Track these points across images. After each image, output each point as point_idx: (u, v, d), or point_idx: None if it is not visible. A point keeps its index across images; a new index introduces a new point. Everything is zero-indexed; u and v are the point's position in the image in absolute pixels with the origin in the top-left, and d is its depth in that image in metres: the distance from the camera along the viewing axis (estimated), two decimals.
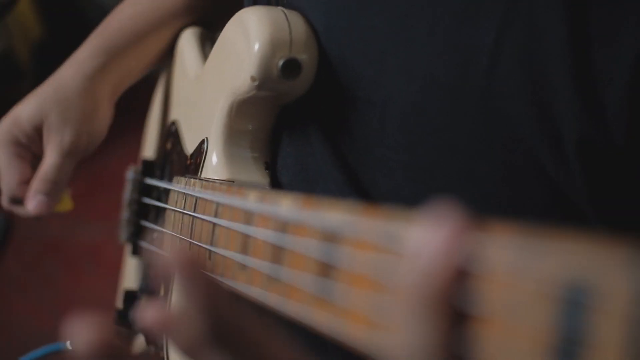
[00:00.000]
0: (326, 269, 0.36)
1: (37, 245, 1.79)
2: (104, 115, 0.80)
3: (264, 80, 0.60)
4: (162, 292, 0.76)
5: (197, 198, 0.62)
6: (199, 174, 0.68)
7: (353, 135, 0.61)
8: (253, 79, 0.60)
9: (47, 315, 1.58)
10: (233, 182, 0.64)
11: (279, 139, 0.67)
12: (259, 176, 0.66)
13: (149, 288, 0.82)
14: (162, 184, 0.77)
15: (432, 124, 0.54)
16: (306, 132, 0.64)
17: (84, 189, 1.90)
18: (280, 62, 0.59)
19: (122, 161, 0.98)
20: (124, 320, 0.86)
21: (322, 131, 0.63)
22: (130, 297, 0.85)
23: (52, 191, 0.75)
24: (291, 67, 0.59)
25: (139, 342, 0.82)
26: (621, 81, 0.47)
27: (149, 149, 0.94)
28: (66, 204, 0.80)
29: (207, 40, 0.87)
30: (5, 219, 1.71)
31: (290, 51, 0.59)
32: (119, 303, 0.88)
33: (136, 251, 0.90)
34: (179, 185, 0.69)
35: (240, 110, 0.65)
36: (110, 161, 1.80)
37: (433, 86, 0.54)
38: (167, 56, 0.88)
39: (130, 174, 0.92)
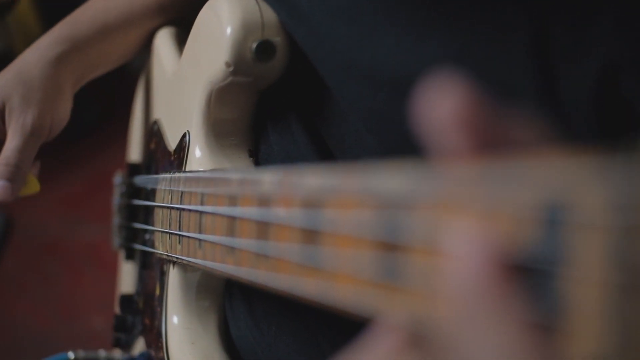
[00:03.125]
0: (310, 236, 0.35)
1: (36, 245, 1.79)
2: (67, 101, 0.77)
3: (239, 65, 0.59)
4: (157, 292, 0.75)
5: (182, 190, 0.61)
6: (183, 168, 0.68)
7: (330, 121, 0.60)
8: (227, 64, 0.59)
9: (46, 315, 1.57)
10: None
11: (263, 128, 0.67)
12: (243, 164, 0.66)
13: (144, 289, 0.81)
14: (149, 184, 0.77)
15: (399, 129, 0.54)
16: (287, 120, 0.64)
17: (83, 190, 1.90)
18: (254, 45, 0.58)
19: (121, 162, 0.98)
20: (122, 325, 0.86)
21: (302, 118, 0.62)
22: (127, 302, 0.85)
23: (15, 175, 0.71)
24: (265, 49, 0.58)
25: (139, 345, 0.81)
26: (585, 94, 0.46)
27: (135, 152, 0.93)
28: (33, 186, 0.76)
29: (183, 39, 0.86)
30: (5, 219, 1.70)
31: (262, 34, 0.59)
32: (117, 308, 0.87)
33: (130, 256, 0.89)
34: (164, 182, 0.68)
35: (219, 99, 0.64)
36: (108, 162, 1.80)
37: (398, 95, 0.53)
38: (134, 55, 0.86)
39: (117, 178, 0.91)
